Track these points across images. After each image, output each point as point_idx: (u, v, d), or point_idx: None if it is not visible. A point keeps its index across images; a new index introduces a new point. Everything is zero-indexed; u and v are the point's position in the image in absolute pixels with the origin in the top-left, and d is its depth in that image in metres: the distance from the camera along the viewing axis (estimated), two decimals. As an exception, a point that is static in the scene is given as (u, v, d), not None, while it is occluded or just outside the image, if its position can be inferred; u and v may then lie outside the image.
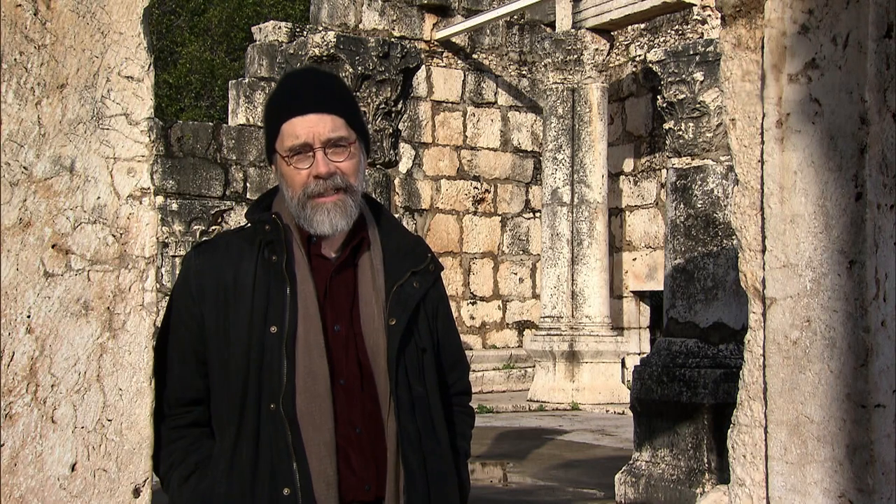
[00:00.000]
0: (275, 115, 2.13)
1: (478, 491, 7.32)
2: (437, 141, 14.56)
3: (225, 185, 12.02)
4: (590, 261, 12.87)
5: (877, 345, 1.91)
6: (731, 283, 6.00)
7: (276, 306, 2.05)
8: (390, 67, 6.22)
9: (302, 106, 2.09)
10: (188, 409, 2.09)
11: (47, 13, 1.77)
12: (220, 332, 2.06)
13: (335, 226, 2.08)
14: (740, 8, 2.15)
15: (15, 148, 1.73)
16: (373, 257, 2.15)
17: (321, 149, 2.07)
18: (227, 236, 2.17)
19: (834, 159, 1.96)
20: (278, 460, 1.99)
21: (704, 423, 5.94)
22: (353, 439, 2.05)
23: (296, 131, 2.07)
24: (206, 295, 2.07)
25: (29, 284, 1.73)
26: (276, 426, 2.00)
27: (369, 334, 2.10)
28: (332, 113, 2.10)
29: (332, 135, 2.08)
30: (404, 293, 2.13)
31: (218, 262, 2.09)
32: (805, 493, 1.98)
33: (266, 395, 2.01)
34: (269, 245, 2.09)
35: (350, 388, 2.07)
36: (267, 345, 2.03)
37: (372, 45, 6.23)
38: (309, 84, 2.15)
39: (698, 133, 6.40)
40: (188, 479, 2.04)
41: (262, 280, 2.07)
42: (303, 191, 2.07)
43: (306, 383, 2.02)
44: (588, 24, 13.07)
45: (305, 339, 2.04)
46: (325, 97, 2.13)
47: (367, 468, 2.05)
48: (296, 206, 2.08)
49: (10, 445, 1.71)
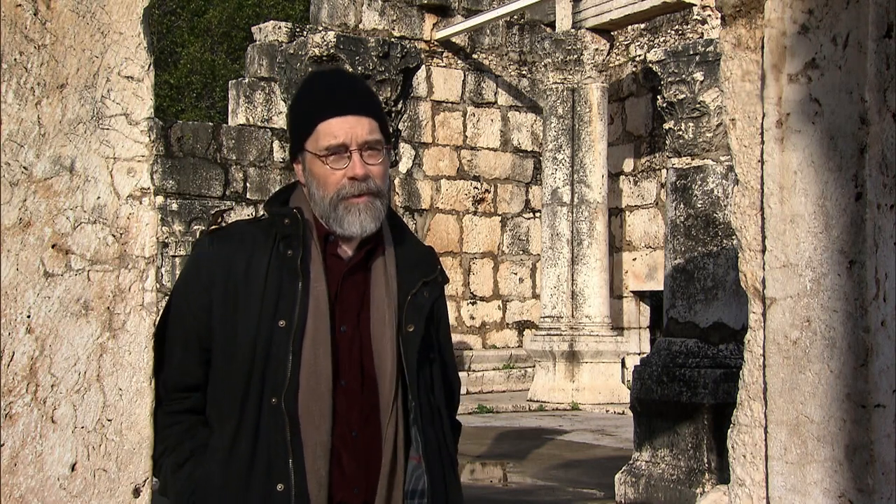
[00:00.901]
0: (309, 113, 2.13)
1: (478, 491, 7.32)
2: (437, 141, 14.56)
3: (225, 185, 12.02)
4: (590, 261, 12.87)
5: (877, 345, 1.91)
6: (731, 283, 6.01)
7: (286, 301, 2.05)
8: (390, 67, 6.22)
9: (341, 106, 2.10)
10: (186, 395, 2.08)
11: (47, 13, 1.77)
12: (227, 322, 2.05)
13: (365, 228, 2.09)
14: (740, 8, 2.14)
15: (15, 148, 1.73)
16: (387, 263, 2.16)
17: (358, 151, 2.08)
18: (243, 226, 2.17)
19: (834, 159, 1.96)
20: (275, 455, 1.99)
21: (704, 423, 5.94)
22: (348, 441, 2.05)
23: (334, 131, 2.07)
24: (216, 283, 2.06)
25: (29, 284, 1.73)
26: (276, 421, 2.00)
27: (377, 339, 2.10)
28: (368, 116, 2.11)
29: (370, 137, 2.09)
30: (418, 301, 2.14)
31: (231, 252, 2.09)
32: (805, 493, 1.97)
33: (269, 388, 2.01)
34: (286, 239, 2.09)
35: (350, 391, 2.07)
36: (274, 338, 2.02)
37: (372, 45, 6.23)
38: (345, 85, 2.17)
39: (698, 133, 6.40)
40: (182, 466, 2.04)
41: (274, 273, 2.07)
42: (336, 192, 2.07)
43: (309, 381, 2.02)
44: (588, 24, 13.07)
45: (313, 337, 2.04)
46: (363, 99, 2.15)
47: (358, 471, 2.05)
48: (327, 205, 2.09)
49: (10, 445, 1.71)
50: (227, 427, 2.04)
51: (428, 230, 14.38)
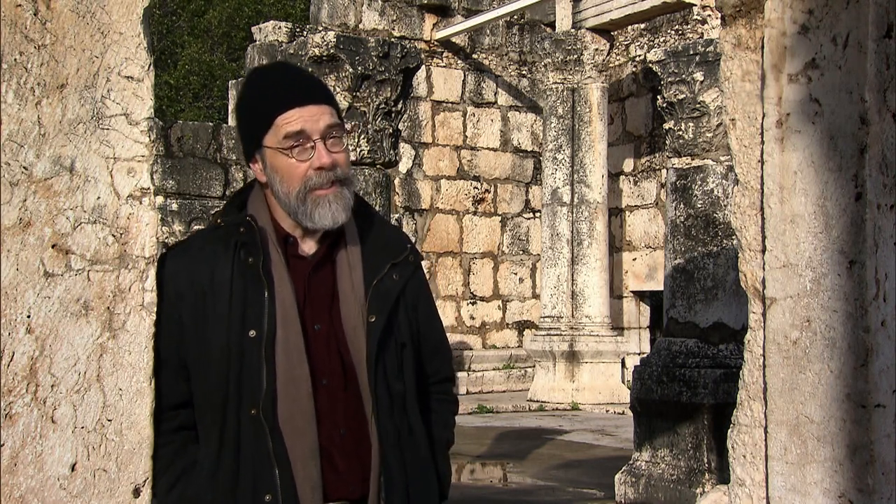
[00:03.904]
0: (264, 109, 2.06)
1: (478, 491, 7.33)
2: (437, 141, 14.55)
3: (225, 185, 12.02)
4: (590, 261, 12.87)
5: (877, 345, 1.91)
6: (731, 283, 6.00)
7: (254, 309, 2.01)
8: (390, 67, 6.22)
9: (297, 97, 2.05)
10: (175, 412, 2.05)
11: (47, 13, 1.77)
12: (197, 336, 2.02)
13: (337, 219, 2.05)
14: (740, 8, 2.14)
15: (15, 148, 1.73)
16: (349, 253, 2.11)
17: (321, 139, 2.03)
18: (201, 238, 2.12)
19: (834, 159, 1.96)
20: (259, 467, 1.97)
21: (704, 423, 5.94)
22: (336, 441, 2.03)
23: (294, 122, 2.02)
24: (183, 297, 2.02)
25: (29, 284, 1.73)
26: (257, 432, 1.97)
27: (349, 331, 2.07)
28: (326, 103, 2.07)
29: (332, 122, 2.05)
30: (384, 287, 2.09)
31: (192, 265, 2.04)
32: (805, 493, 1.97)
33: (246, 400, 1.98)
34: (245, 246, 2.04)
35: (333, 388, 2.05)
36: (246, 349, 1.99)
37: (372, 45, 6.22)
38: (295, 76, 2.12)
39: (698, 133, 6.40)
40: (174, 486, 2.01)
41: (238, 283, 2.02)
42: (303, 184, 2.03)
43: (287, 389, 1.99)
44: (588, 24, 13.07)
45: (285, 344, 2.01)
46: (317, 88, 2.11)
47: (352, 469, 2.04)
48: (294, 200, 2.04)
49: (10, 445, 1.71)
50: (211, 441, 2.02)
51: (428, 230, 14.38)
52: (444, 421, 2.28)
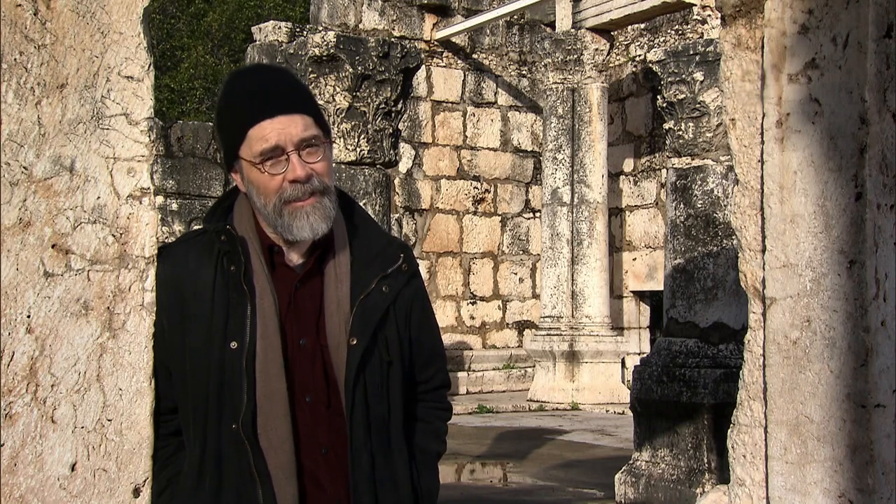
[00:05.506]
0: (237, 120, 1.99)
1: (478, 491, 7.33)
2: (437, 141, 14.56)
3: (225, 185, 12.01)
4: (590, 261, 12.87)
5: (877, 345, 1.91)
6: (731, 283, 6.01)
7: (236, 320, 1.95)
8: (390, 67, 6.22)
9: (269, 107, 1.96)
10: (169, 417, 2.01)
11: (47, 13, 1.77)
12: (179, 345, 1.97)
13: (316, 230, 1.97)
14: (740, 8, 2.14)
15: (15, 148, 1.73)
16: (337, 265, 2.04)
17: (295, 151, 1.95)
18: (187, 243, 2.07)
19: (834, 159, 1.95)
20: (241, 482, 1.94)
21: (704, 423, 5.94)
22: (319, 460, 1.99)
23: (266, 135, 1.95)
24: (167, 305, 1.95)
25: (29, 284, 1.73)
26: (238, 447, 1.93)
27: (333, 348, 2.00)
28: (300, 112, 1.98)
29: (305, 134, 1.96)
30: (370, 303, 2.02)
31: (177, 272, 1.98)
32: (805, 493, 1.97)
33: (227, 414, 1.94)
34: (228, 254, 1.99)
35: (316, 405, 1.99)
36: (227, 361, 1.94)
37: (372, 45, 6.22)
38: (270, 84, 2.03)
39: (698, 133, 6.40)
40: (161, 495, 1.98)
41: (221, 291, 1.97)
42: (278, 197, 1.96)
43: (265, 404, 1.94)
44: (588, 24, 13.07)
45: (264, 358, 1.95)
46: (291, 96, 2.01)
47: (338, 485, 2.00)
48: (271, 213, 1.97)
49: (10, 445, 1.71)
50: (194, 452, 1.98)
51: (428, 230, 14.38)
52: (435, 431, 2.22)
